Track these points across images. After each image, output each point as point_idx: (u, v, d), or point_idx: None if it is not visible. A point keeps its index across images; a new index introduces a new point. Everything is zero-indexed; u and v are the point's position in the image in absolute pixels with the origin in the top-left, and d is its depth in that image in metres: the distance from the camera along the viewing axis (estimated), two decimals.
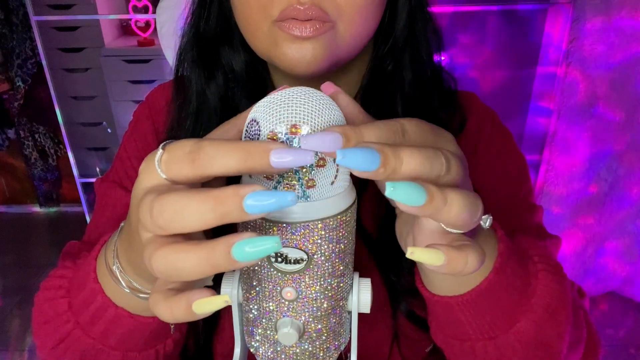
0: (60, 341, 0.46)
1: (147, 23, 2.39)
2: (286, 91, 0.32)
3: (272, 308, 0.36)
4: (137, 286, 0.40)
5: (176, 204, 0.27)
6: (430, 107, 0.56)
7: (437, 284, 0.42)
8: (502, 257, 0.40)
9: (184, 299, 0.28)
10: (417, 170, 0.28)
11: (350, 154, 0.27)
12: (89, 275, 0.43)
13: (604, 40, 1.65)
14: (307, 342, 0.37)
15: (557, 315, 0.42)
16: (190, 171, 0.28)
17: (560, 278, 0.44)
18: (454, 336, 0.45)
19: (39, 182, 2.74)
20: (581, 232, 1.96)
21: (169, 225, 0.27)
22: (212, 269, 0.26)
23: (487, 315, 0.42)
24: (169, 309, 0.28)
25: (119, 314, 0.42)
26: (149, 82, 2.33)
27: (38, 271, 2.32)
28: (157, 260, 0.27)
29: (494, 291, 0.40)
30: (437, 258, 0.29)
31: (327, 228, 0.33)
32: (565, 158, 1.84)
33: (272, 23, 0.45)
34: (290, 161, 0.27)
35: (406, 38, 0.54)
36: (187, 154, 0.28)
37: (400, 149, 0.28)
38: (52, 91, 1.96)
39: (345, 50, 0.47)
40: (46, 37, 2.11)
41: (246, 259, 0.26)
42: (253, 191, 0.26)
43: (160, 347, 0.48)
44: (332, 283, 0.36)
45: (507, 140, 0.62)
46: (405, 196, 0.27)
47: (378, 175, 0.27)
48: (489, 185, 0.58)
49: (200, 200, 0.26)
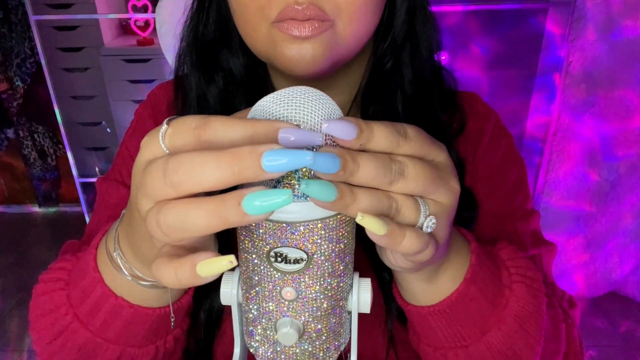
0: (58, 335, 0.45)
1: (146, 22, 2.39)
2: (285, 90, 0.32)
3: (271, 308, 0.36)
4: (138, 273, 0.40)
5: (193, 161, 0.27)
6: (431, 107, 0.56)
7: (411, 293, 0.44)
8: (473, 268, 0.42)
9: (188, 261, 0.28)
10: (373, 175, 0.30)
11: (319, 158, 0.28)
12: (88, 264, 0.43)
13: (605, 39, 1.65)
14: (307, 342, 0.37)
15: (528, 326, 0.44)
16: (196, 146, 0.29)
17: (534, 290, 0.45)
18: (428, 343, 0.46)
19: (38, 182, 2.74)
20: (582, 231, 1.96)
21: (183, 182, 0.27)
22: (222, 223, 0.27)
23: (458, 325, 0.43)
24: (173, 271, 0.28)
25: (119, 303, 0.42)
26: (148, 82, 2.33)
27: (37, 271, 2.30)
28: (166, 215, 0.27)
29: (465, 301, 0.42)
30: (380, 227, 0.31)
31: (327, 228, 0.33)
32: (565, 158, 1.84)
33: (271, 24, 0.45)
34: (296, 141, 0.27)
35: (405, 34, 0.54)
36: (193, 129, 0.29)
37: (357, 155, 0.30)
38: (51, 91, 1.96)
39: (345, 49, 0.47)
40: (45, 36, 2.11)
41: (256, 212, 0.26)
42: (271, 149, 0.26)
43: (160, 343, 0.47)
44: (332, 283, 0.36)
45: (508, 144, 0.62)
46: (318, 193, 0.29)
47: (338, 176, 0.29)
48: (487, 190, 0.59)
49: (218, 156, 0.26)
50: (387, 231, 0.31)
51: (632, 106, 1.74)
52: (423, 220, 0.33)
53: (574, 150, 1.83)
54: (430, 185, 0.33)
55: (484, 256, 0.44)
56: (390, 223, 0.32)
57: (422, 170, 0.32)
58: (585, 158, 1.84)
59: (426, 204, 0.34)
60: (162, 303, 0.43)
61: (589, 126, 1.78)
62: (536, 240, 0.59)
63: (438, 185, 0.33)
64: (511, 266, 0.46)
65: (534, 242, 0.59)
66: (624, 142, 1.81)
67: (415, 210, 0.33)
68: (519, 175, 0.61)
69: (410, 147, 0.32)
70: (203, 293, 0.53)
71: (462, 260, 0.42)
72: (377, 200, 0.31)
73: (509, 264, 0.46)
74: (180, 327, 0.49)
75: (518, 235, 0.57)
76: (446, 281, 0.42)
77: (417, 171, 0.32)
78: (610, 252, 2.01)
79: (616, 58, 1.67)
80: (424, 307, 0.43)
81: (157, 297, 0.43)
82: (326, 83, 0.54)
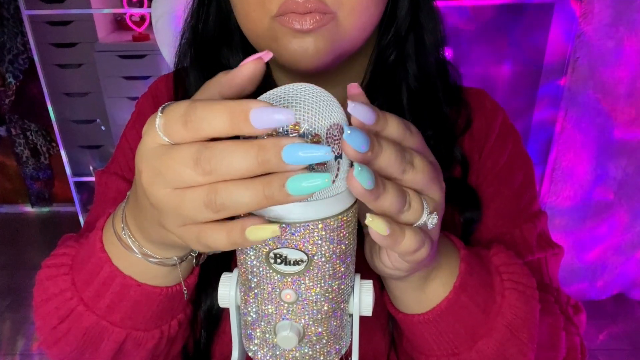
0: (63, 319, 0.46)
1: (142, 17, 2.39)
2: (286, 87, 0.32)
3: (271, 311, 0.36)
4: (147, 252, 0.41)
5: (225, 150, 0.29)
6: (436, 101, 0.56)
7: (401, 301, 0.45)
8: (462, 277, 0.43)
9: (239, 224, 0.31)
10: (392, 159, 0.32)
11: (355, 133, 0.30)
12: (94, 246, 0.44)
13: (612, 36, 1.65)
14: (307, 345, 0.37)
15: (520, 334, 0.45)
16: (186, 133, 0.30)
17: (527, 297, 0.45)
18: (420, 352, 0.47)
19: (31, 181, 2.74)
20: (589, 232, 1.96)
21: (217, 168, 0.29)
22: (267, 202, 0.29)
23: (449, 333, 0.44)
24: (225, 234, 0.31)
25: (127, 282, 0.43)
26: (144, 78, 2.33)
27: (30, 273, 2.31)
28: (221, 196, 0.30)
29: (455, 309, 0.43)
30: (383, 227, 0.33)
31: (328, 228, 0.33)
32: (572, 157, 1.84)
33: (272, 18, 0.45)
34: (269, 121, 0.28)
35: (409, 26, 0.54)
36: (181, 117, 0.30)
37: (380, 139, 0.32)
38: (44, 87, 1.96)
39: (349, 42, 0.47)
40: (38, 31, 2.10)
41: (299, 192, 0.29)
42: (292, 142, 0.28)
43: (165, 327, 0.48)
44: (333, 285, 0.36)
45: (515, 142, 0.62)
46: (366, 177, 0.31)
47: (365, 156, 0.31)
48: (493, 190, 0.59)
49: (246, 147, 0.29)
50: (390, 231, 0.33)
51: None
52: (426, 218, 0.35)
53: (580, 148, 1.82)
54: (430, 181, 0.35)
55: (474, 263, 0.45)
56: (392, 223, 0.33)
57: (425, 163, 0.35)
58: (592, 156, 1.84)
59: (425, 199, 0.35)
60: (169, 282, 0.44)
61: (597, 123, 1.78)
62: (543, 242, 0.59)
63: (435, 181, 0.36)
64: (504, 272, 0.46)
65: (541, 245, 0.59)
66: (632, 141, 1.80)
67: (421, 206, 0.35)
68: (526, 175, 0.61)
69: (414, 141, 0.35)
70: (202, 292, 0.53)
71: (451, 268, 0.43)
72: (399, 193, 0.33)
73: (502, 269, 0.47)
74: (184, 312, 0.50)
75: (524, 238, 0.57)
76: (436, 289, 0.43)
77: (422, 164, 0.34)
78: (618, 253, 2.01)
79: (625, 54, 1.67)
80: (415, 316, 0.44)
81: (165, 275, 0.44)
82: (329, 77, 0.55)
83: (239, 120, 0.29)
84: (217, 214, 0.31)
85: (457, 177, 0.57)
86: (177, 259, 0.42)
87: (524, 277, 0.46)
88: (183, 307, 0.50)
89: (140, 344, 0.48)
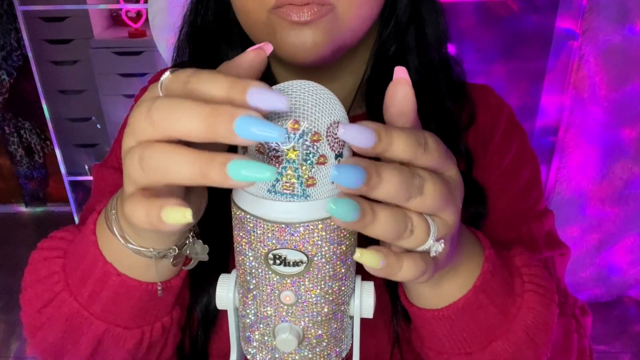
0: (47, 303, 0.46)
1: (138, 13, 2.39)
2: (285, 84, 0.32)
3: (270, 313, 0.36)
4: (125, 235, 0.40)
5: (176, 105, 0.28)
6: (438, 95, 0.56)
7: (416, 295, 0.44)
8: (484, 277, 0.42)
9: (159, 202, 0.29)
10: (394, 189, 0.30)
11: (344, 171, 0.28)
12: (88, 227, 0.44)
13: (620, 30, 1.65)
14: (307, 348, 0.37)
15: (537, 337, 0.44)
16: (180, 91, 0.30)
17: (548, 300, 0.45)
18: (431, 348, 0.47)
19: (25, 181, 2.74)
20: (595, 231, 1.96)
21: (162, 121, 0.29)
22: (203, 177, 0.28)
23: (464, 332, 0.43)
24: (144, 210, 0.30)
25: (107, 270, 0.42)
26: (140, 75, 2.33)
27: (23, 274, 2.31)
28: (151, 154, 0.29)
29: (472, 309, 0.42)
30: (376, 261, 0.31)
31: (328, 229, 0.33)
32: (578, 154, 1.84)
33: (269, 11, 0.46)
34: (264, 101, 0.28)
35: (410, 17, 0.54)
36: (186, 77, 0.30)
37: (381, 168, 0.29)
38: (38, 85, 1.96)
39: (348, 34, 0.47)
40: (32, 27, 2.11)
41: (238, 178, 0.27)
42: (248, 115, 0.27)
43: (147, 329, 0.47)
44: (333, 286, 0.36)
45: (521, 139, 0.62)
46: (340, 212, 0.29)
47: (359, 190, 0.29)
48: (499, 188, 0.59)
49: (197, 107, 0.28)
50: (385, 264, 0.31)
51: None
52: (431, 244, 0.33)
53: (586, 146, 1.82)
54: (442, 203, 0.32)
55: (497, 263, 0.43)
56: (388, 254, 0.32)
57: (439, 186, 0.32)
58: (598, 155, 1.84)
59: (435, 224, 0.33)
60: (149, 277, 0.43)
61: (602, 122, 1.78)
62: (550, 241, 0.59)
63: (448, 203, 0.33)
64: (525, 274, 0.45)
65: (548, 244, 0.59)
66: (638, 138, 1.80)
67: (425, 234, 0.33)
68: (532, 173, 0.61)
69: (428, 159, 0.32)
70: (200, 289, 0.54)
71: (472, 266, 0.42)
72: (396, 220, 0.31)
73: (523, 271, 0.46)
74: (170, 315, 0.49)
75: (531, 236, 0.57)
76: (453, 287, 0.42)
77: (434, 187, 0.31)
78: (624, 254, 2.01)
79: (632, 50, 1.67)
80: (429, 311, 0.43)
81: (145, 268, 0.42)
82: (330, 71, 0.55)
83: (236, 92, 0.28)
84: (147, 176, 0.30)
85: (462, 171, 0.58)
86: (154, 252, 0.40)
87: (544, 280, 0.46)
88: (168, 310, 0.48)
89: (119, 343, 0.47)
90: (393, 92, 0.33)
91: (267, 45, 0.33)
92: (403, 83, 0.33)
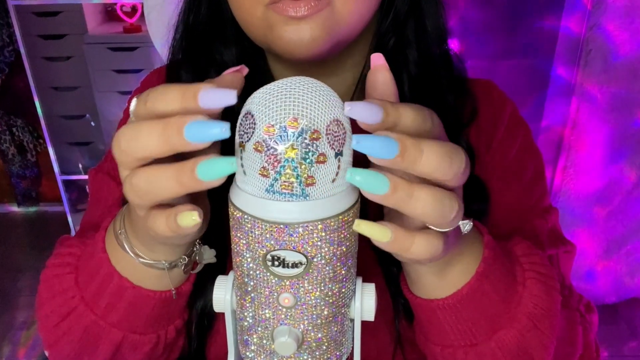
0: (64, 317, 0.48)
1: (133, 8, 2.39)
2: (283, 82, 0.32)
3: (268, 316, 0.36)
4: (137, 252, 0.43)
5: (136, 127, 0.32)
6: (438, 89, 0.56)
7: (420, 285, 0.44)
8: (485, 263, 0.42)
9: (174, 210, 0.33)
10: (436, 165, 0.31)
11: (366, 141, 0.29)
12: (97, 245, 0.46)
13: (627, 27, 1.64)
14: (307, 352, 0.37)
15: (541, 324, 0.44)
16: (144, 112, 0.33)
17: (549, 287, 0.45)
18: (436, 342, 0.47)
19: (17, 180, 2.74)
20: (602, 232, 1.96)
21: (129, 146, 0.32)
22: (182, 187, 0.31)
23: (468, 321, 0.44)
24: (164, 219, 0.34)
25: (122, 284, 0.45)
26: (135, 72, 2.33)
27: (16, 276, 2.32)
28: (137, 179, 0.32)
29: (476, 296, 0.43)
30: (383, 234, 0.32)
31: (328, 229, 0.33)
32: (584, 153, 1.84)
33: (266, 6, 0.46)
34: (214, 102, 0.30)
35: (408, 10, 0.54)
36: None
37: (421, 141, 0.30)
38: (31, 81, 1.96)
39: (346, 29, 0.48)
40: (24, 22, 2.10)
41: (208, 178, 0.30)
42: (195, 120, 0.29)
43: (162, 332, 0.50)
44: (333, 288, 0.35)
45: (525, 135, 0.62)
46: (367, 184, 0.30)
47: (396, 163, 0.30)
48: (503, 184, 0.59)
49: (152, 124, 0.31)
50: (392, 238, 0.32)
51: None
52: (465, 222, 0.35)
53: (593, 145, 1.82)
54: (465, 175, 0.34)
55: (497, 250, 0.44)
56: (397, 229, 0.32)
57: (461, 157, 0.33)
58: (605, 154, 1.84)
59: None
60: (162, 286, 0.46)
61: (609, 120, 1.78)
62: (554, 239, 0.59)
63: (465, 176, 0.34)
64: (525, 262, 0.46)
65: (552, 241, 0.59)
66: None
67: (461, 211, 0.34)
68: (536, 169, 0.62)
69: (437, 130, 0.33)
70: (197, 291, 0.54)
71: (474, 254, 0.43)
72: (440, 199, 0.32)
73: (523, 260, 0.47)
74: (182, 317, 0.52)
75: (535, 233, 0.58)
76: (457, 274, 0.42)
77: (459, 158, 0.32)
78: (632, 255, 2.01)
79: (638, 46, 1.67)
80: (433, 301, 0.43)
81: (158, 278, 0.45)
82: (328, 67, 0.55)
83: (188, 100, 0.30)
84: (142, 200, 0.33)
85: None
86: (165, 263, 0.43)
87: (544, 268, 0.46)
88: (180, 313, 0.51)
89: (137, 348, 0.49)
90: (373, 79, 0.35)
91: (244, 68, 0.36)
92: (381, 69, 0.35)
